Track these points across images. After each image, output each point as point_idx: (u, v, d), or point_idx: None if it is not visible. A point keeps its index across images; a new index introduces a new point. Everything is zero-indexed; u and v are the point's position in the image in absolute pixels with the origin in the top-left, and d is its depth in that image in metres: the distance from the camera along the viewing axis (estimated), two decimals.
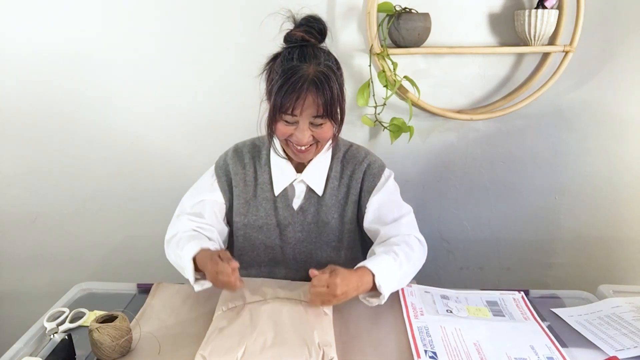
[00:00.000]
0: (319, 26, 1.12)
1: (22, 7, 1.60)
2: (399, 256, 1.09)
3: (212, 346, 0.92)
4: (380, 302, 1.06)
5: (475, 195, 1.79)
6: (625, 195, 1.78)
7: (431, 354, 0.95)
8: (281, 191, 1.23)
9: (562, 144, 1.73)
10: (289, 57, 1.08)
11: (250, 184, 1.25)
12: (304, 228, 1.24)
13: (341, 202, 1.24)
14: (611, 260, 1.85)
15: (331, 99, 1.07)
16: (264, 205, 1.24)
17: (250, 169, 1.25)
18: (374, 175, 1.24)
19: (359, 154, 1.26)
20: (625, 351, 0.99)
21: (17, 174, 1.77)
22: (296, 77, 1.05)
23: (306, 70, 1.06)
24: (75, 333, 1.04)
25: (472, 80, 1.67)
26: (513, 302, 1.17)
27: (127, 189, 1.78)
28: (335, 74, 1.10)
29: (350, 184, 1.24)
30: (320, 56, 1.09)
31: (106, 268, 1.87)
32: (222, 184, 1.24)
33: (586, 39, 1.59)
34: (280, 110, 1.07)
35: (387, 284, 1.04)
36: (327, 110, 1.08)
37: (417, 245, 1.16)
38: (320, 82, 1.06)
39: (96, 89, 1.67)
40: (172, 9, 1.60)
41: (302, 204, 1.24)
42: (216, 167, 1.27)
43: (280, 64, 1.09)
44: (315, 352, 0.91)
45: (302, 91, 1.05)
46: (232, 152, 1.27)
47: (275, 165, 1.24)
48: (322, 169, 1.24)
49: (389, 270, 1.06)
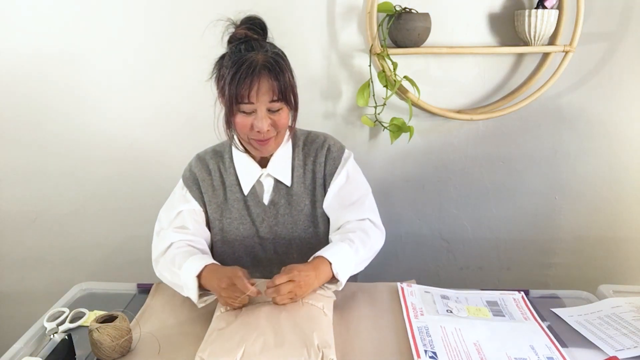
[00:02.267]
0: (259, 23, 1.16)
1: (21, 8, 1.60)
2: (354, 243, 1.12)
3: (211, 348, 0.92)
4: (338, 289, 1.10)
5: (475, 195, 1.79)
6: (625, 196, 1.78)
7: (431, 354, 0.95)
8: (250, 189, 1.24)
9: (562, 144, 1.73)
10: (236, 51, 1.11)
11: (219, 188, 1.26)
12: (278, 221, 1.26)
13: (309, 188, 1.26)
14: (611, 260, 1.85)
15: (284, 82, 1.09)
16: (236, 206, 1.25)
17: (216, 174, 1.26)
18: (334, 158, 1.26)
19: (318, 139, 1.28)
20: (625, 351, 0.99)
21: (17, 174, 1.77)
22: (247, 64, 1.07)
23: (255, 57, 1.09)
24: (75, 333, 1.04)
25: (472, 80, 1.67)
26: (513, 302, 1.17)
27: (127, 189, 1.78)
28: (284, 61, 1.13)
29: (314, 168, 1.26)
30: (266, 46, 1.13)
31: (106, 268, 1.87)
32: (194, 192, 1.25)
33: (586, 39, 1.59)
34: (237, 100, 1.09)
35: (344, 270, 1.09)
36: (282, 93, 1.10)
37: (373, 229, 1.19)
38: (271, 65, 1.08)
39: (95, 89, 1.67)
40: (171, 10, 1.60)
41: (272, 198, 1.25)
42: (184, 178, 1.28)
43: (228, 59, 1.11)
44: (315, 353, 0.90)
45: (255, 75, 1.07)
46: (195, 161, 1.28)
47: (239, 165, 1.25)
48: (286, 160, 1.25)
49: (345, 257, 1.10)
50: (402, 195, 1.77)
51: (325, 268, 1.07)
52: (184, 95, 1.68)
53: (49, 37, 1.62)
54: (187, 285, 1.07)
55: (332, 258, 1.08)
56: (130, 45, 1.63)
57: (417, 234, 1.84)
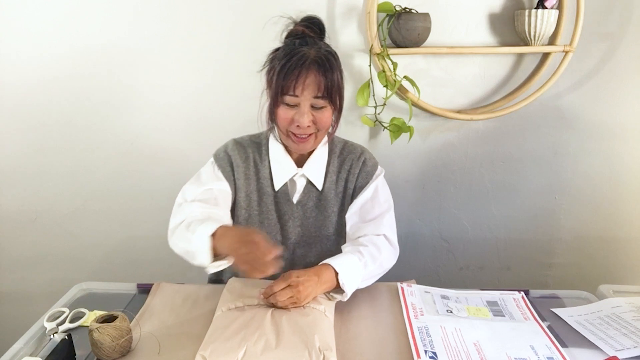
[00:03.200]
0: (318, 23, 1.17)
1: (23, 8, 1.60)
2: (364, 256, 1.12)
3: (212, 347, 0.92)
4: (344, 299, 1.09)
5: (475, 195, 1.79)
6: (625, 195, 1.78)
7: (431, 354, 0.95)
8: (281, 186, 1.24)
9: (562, 144, 1.73)
10: (290, 44, 1.12)
11: (252, 178, 1.24)
12: (303, 222, 1.25)
13: (339, 195, 1.26)
14: (611, 260, 1.85)
15: (332, 80, 1.09)
16: (265, 199, 1.24)
17: (252, 163, 1.25)
18: (368, 172, 1.26)
19: (355, 150, 1.29)
20: (625, 351, 0.99)
21: (17, 174, 1.77)
22: (298, 56, 1.08)
23: (308, 52, 1.09)
24: (75, 333, 1.04)
25: (472, 80, 1.67)
26: (513, 302, 1.17)
27: (127, 188, 1.78)
28: (336, 61, 1.13)
29: (348, 178, 1.26)
30: (321, 44, 1.13)
31: (106, 268, 1.87)
32: (227, 173, 1.22)
33: (586, 39, 1.59)
34: (282, 91, 1.09)
35: (350, 282, 1.08)
36: (327, 91, 1.09)
37: (386, 246, 1.19)
38: (322, 61, 1.08)
39: (95, 89, 1.67)
40: (173, 8, 1.60)
41: (301, 198, 1.25)
42: (216, 158, 1.24)
43: (282, 51, 1.12)
44: (316, 355, 0.90)
45: (304, 68, 1.07)
46: (232, 145, 1.26)
47: (274, 160, 1.24)
48: (321, 163, 1.25)
49: (353, 269, 1.09)
50: (402, 195, 1.77)
51: (329, 276, 1.07)
52: (186, 94, 1.68)
53: (49, 37, 1.62)
54: (200, 249, 1.01)
55: (338, 267, 1.07)
56: (130, 45, 1.63)
57: (417, 234, 1.84)
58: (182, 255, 1.11)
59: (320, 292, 1.07)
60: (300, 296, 1.02)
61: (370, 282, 1.17)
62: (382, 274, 1.19)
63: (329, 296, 1.10)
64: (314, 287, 1.05)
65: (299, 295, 1.02)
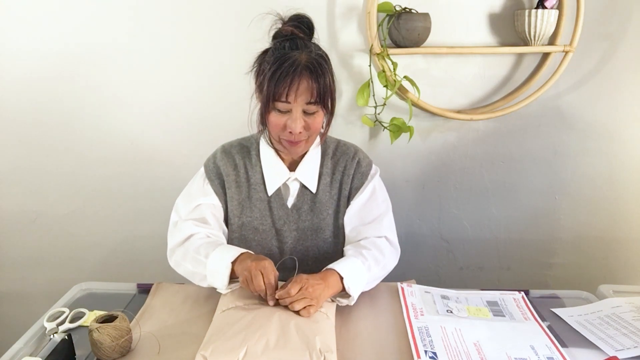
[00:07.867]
0: (307, 22, 1.14)
1: (22, 6, 1.60)
2: (367, 260, 1.12)
3: (213, 346, 0.92)
4: (350, 303, 1.09)
5: (475, 195, 1.79)
6: (625, 195, 1.78)
7: (431, 354, 0.95)
8: (275, 191, 1.23)
9: (562, 144, 1.73)
10: (280, 48, 1.09)
11: (243, 185, 1.24)
12: (299, 226, 1.24)
13: (334, 198, 1.25)
14: (611, 260, 1.85)
15: (324, 86, 1.08)
16: (258, 206, 1.23)
17: (242, 170, 1.24)
18: (362, 173, 1.25)
19: (349, 151, 1.28)
20: (625, 351, 0.99)
21: (17, 174, 1.77)
22: (289, 63, 1.06)
23: (299, 57, 1.07)
24: (75, 333, 1.04)
25: (472, 80, 1.67)
26: (513, 302, 1.17)
27: (127, 189, 1.78)
28: (327, 63, 1.11)
29: (342, 179, 1.25)
30: (311, 46, 1.11)
31: (106, 268, 1.87)
32: (216, 186, 1.23)
33: (586, 39, 1.59)
34: (274, 97, 1.07)
35: (355, 286, 1.08)
36: (320, 96, 1.08)
37: (388, 248, 1.19)
38: (313, 67, 1.07)
39: (95, 88, 1.67)
40: (171, 9, 1.60)
41: (295, 202, 1.24)
42: (206, 169, 1.25)
43: (271, 55, 1.10)
44: (317, 357, 0.90)
45: (296, 75, 1.06)
46: (220, 154, 1.25)
47: (266, 164, 1.23)
48: (314, 166, 1.24)
49: (357, 273, 1.09)
50: (402, 195, 1.77)
51: (335, 281, 1.07)
52: (185, 94, 1.68)
53: (50, 37, 1.62)
54: (218, 272, 1.06)
55: (343, 272, 1.07)
56: (130, 45, 1.63)
57: (417, 234, 1.84)
58: (186, 275, 1.15)
59: (327, 296, 1.06)
60: (312, 300, 1.01)
61: (374, 285, 1.17)
62: (385, 276, 1.19)
63: (336, 301, 1.10)
64: (323, 291, 1.04)
65: (313, 300, 1.01)
